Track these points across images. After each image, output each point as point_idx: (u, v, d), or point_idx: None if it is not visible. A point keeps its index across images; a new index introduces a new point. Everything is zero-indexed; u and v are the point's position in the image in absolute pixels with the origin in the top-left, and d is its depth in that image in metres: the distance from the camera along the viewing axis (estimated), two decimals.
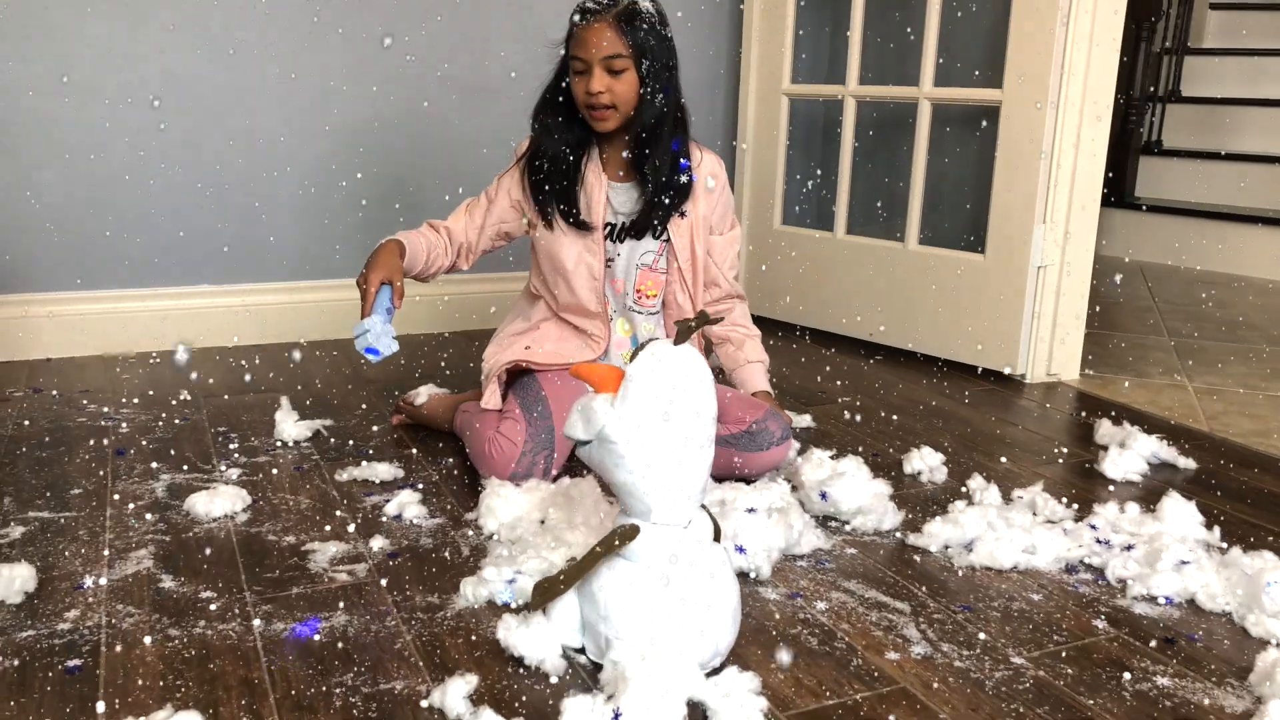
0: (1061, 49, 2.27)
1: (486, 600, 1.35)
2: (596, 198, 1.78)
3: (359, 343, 1.58)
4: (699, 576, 1.19)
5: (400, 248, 1.71)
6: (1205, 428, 2.17)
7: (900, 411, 2.21)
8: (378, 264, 1.65)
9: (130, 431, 1.95)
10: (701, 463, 1.21)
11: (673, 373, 1.18)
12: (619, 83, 1.68)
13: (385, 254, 1.68)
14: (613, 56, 1.66)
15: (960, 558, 1.51)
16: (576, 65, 1.69)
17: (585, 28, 1.67)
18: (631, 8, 1.67)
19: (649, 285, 1.83)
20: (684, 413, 1.18)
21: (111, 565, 1.42)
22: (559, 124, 1.75)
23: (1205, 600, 1.39)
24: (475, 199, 1.87)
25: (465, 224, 1.84)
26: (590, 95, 1.68)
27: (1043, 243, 2.37)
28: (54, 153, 2.35)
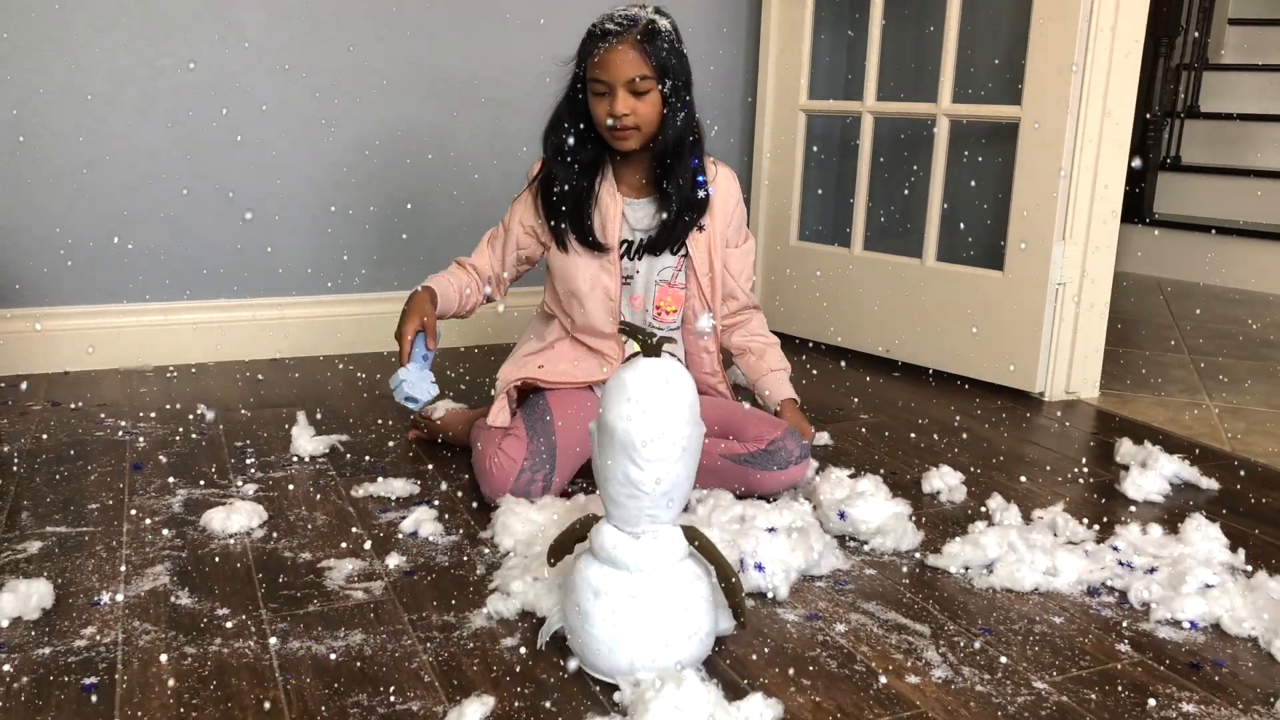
0: (1081, 65, 2.25)
1: (517, 613, 1.35)
2: (612, 216, 1.77)
3: (397, 394, 1.59)
4: (643, 586, 1.19)
5: (431, 294, 1.71)
6: (1227, 447, 2.15)
7: (918, 429, 2.19)
8: (410, 313, 1.66)
9: (147, 446, 1.95)
10: (655, 480, 1.18)
11: (637, 390, 1.17)
12: (642, 104, 1.67)
13: (416, 302, 1.68)
14: (637, 78, 1.65)
15: (980, 579, 1.50)
16: (597, 87, 1.67)
17: (608, 49, 1.65)
18: (651, 26, 1.66)
19: (668, 301, 1.83)
20: (642, 429, 1.16)
21: (128, 581, 1.42)
22: (572, 145, 1.74)
23: (1230, 625, 1.37)
24: (495, 230, 1.87)
25: (489, 257, 1.84)
26: (615, 118, 1.67)
27: (1062, 260, 2.35)
28: (73, 166, 2.37)
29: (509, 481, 1.65)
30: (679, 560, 1.22)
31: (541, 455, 1.68)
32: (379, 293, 2.68)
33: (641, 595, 1.19)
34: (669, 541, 1.22)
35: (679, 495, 1.22)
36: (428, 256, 2.68)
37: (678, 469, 1.19)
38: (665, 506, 1.21)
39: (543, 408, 1.75)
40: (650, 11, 1.70)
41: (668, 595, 1.20)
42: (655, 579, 1.20)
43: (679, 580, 1.21)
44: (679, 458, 1.19)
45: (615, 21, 1.67)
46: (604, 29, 1.67)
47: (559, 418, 1.73)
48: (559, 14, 2.69)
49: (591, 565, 1.23)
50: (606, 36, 1.66)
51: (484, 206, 2.70)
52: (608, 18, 1.69)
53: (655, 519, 1.21)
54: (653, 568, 1.20)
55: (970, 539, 1.55)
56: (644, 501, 1.19)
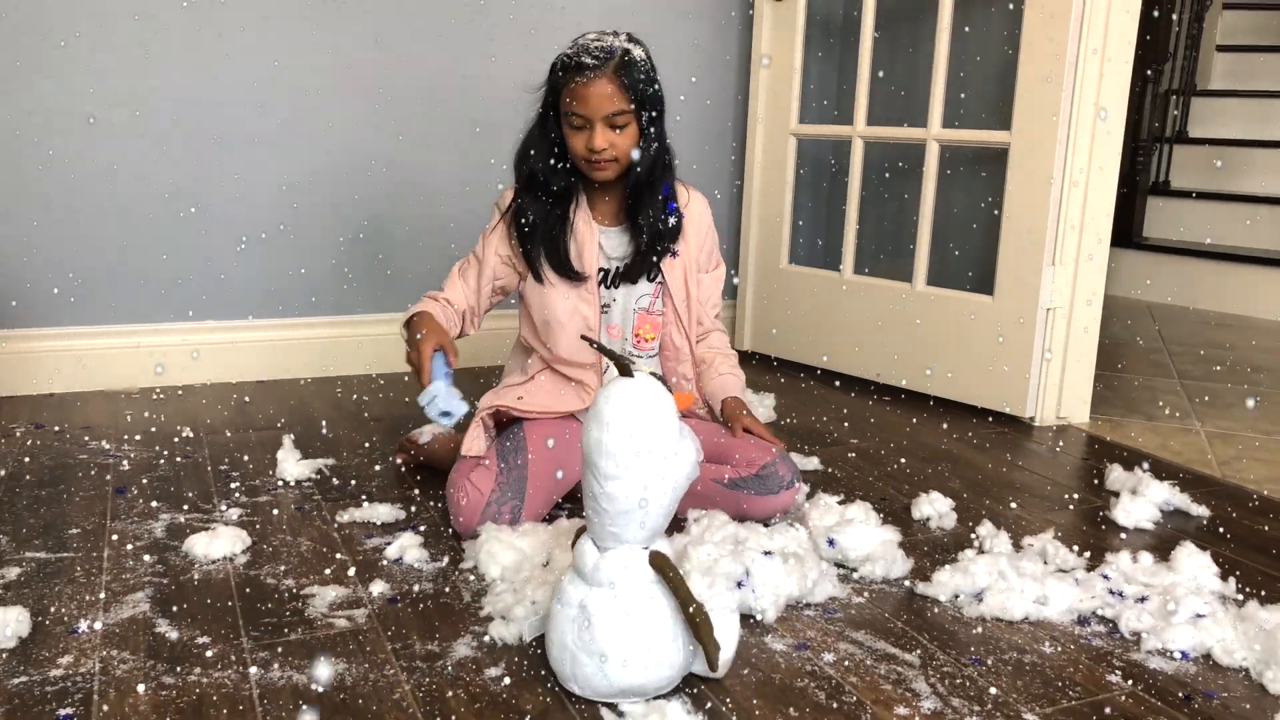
0: (1070, 91, 2.26)
1: (517, 638, 1.34)
2: (588, 245, 1.75)
3: (430, 410, 1.56)
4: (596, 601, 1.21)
5: (431, 317, 1.69)
6: (1217, 473, 2.15)
7: (908, 454, 2.18)
8: (425, 331, 1.62)
9: (131, 469, 1.93)
10: (611, 496, 1.19)
11: (603, 409, 1.19)
12: (620, 136, 1.65)
13: (428, 321, 1.65)
14: (616, 113, 1.63)
15: (970, 608, 1.48)
16: (575, 121, 1.65)
17: (585, 83, 1.62)
18: (627, 58, 1.63)
19: (647, 329, 1.81)
20: (603, 447, 1.18)
21: (107, 609, 1.40)
22: (544, 174, 1.71)
23: (1222, 655, 1.36)
24: (465, 261, 1.82)
25: (462, 290, 1.79)
26: (594, 152, 1.65)
27: (1052, 284, 2.36)
28: (61, 187, 2.35)
29: (476, 513, 1.63)
30: (641, 583, 1.21)
31: (510, 487, 1.66)
32: (369, 315, 2.67)
33: (593, 609, 1.20)
34: (630, 562, 1.21)
35: (647, 517, 1.20)
36: (418, 279, 2.67)
37: (637, 488, 1.19)
38: (625, 525, 1.20)
39: (518, 439, 1.73)
40: (623, 40, 1.67)
41: (618, 615, 1.19)
42: (609, 596, 1.20)
43: (633, 603, 1.20)
44: (638, 478, 1.18)
45: (592, 54, 1.62)
46: (580, 61, 1.63)
47: (533, 449, 1.71)
48: (537, 36, 2.70)
49: (568, 572, 1.26)
50: (584, 70, 1.62)
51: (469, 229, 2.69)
52: (582, 49, 1.64)
53: (617, 537, 1.21)
54: (610, 584, 1.20)
55: (960, 567, 1.54)
56: (604, 518, 1.21)
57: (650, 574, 1.22)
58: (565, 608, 1.22)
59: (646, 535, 1.22)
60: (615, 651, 1.18)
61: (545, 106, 1.71)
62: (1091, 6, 2.22)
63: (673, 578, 1.21)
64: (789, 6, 2.74)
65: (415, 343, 1.61)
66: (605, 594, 1.20)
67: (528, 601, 1.40)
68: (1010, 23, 2.43)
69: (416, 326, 1.64)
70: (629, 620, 1.19)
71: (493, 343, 2.62)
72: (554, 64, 1.69)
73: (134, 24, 2.34)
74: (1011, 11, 2.42)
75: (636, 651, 1.19)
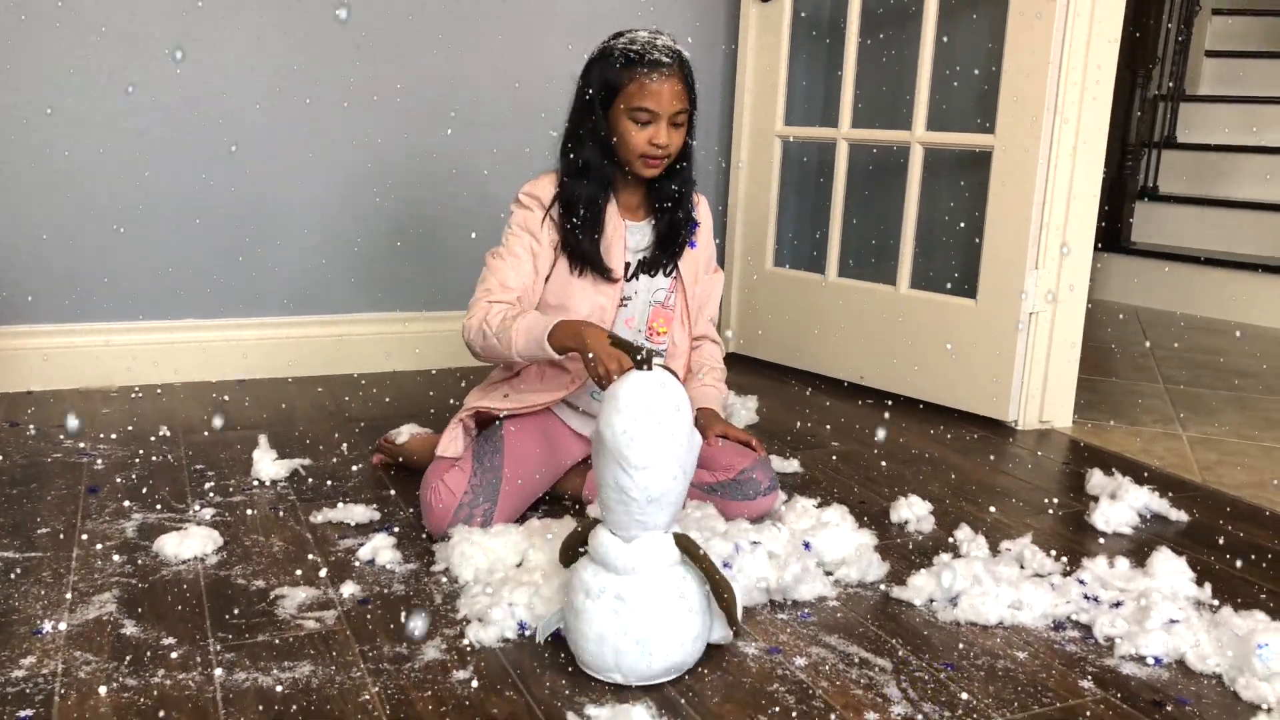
0: (1054, 95, 2.26)
1: (497, 640, 1.34)
2: (616, 240, 1.73)
3: None
4: (630, 588, 1.24)
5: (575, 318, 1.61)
6: (1198, 479, 2.14)
7: (889, 458, 2.18)
8: (592, 337, 1.50)
9: (105, 468, 1.92)
10: (643, 487, 1.23)
11: (627, 402, 1.24)
12: (678, 134, 1.68)
13: (585, 325, 1.54)
14: (680, 111, 1.66)
15: (945, 612, 1.47)
16: (641, 116, 1.64)
17: (658, 80, 1.62)
18: (683, 57, 1.67)
19: (660, 322, 1.80)
20: (630, 439, 1.22)
21: (73, 609, 1.39)
22: (590, 168, 1.69)
23: (1195, 661, 1.35)
24: (505, 260, 1.70)
25: (519, 279, 1.70)
26: (657, 147, 1.65)
27: (1035, 288, 2.35)
28: (40, 184, 2.34)
29: (448, 515, 1.62)
30: (668, 565, 1.26)
31: (482, 490, 1.64)
32: (349, 314, 2.66)
33: (629, 597, 1.24)
34: (659, 547, 1.26)
35: (669, 503, 1.25)
36: (402, 278, 2.66)
37: (666, 478, 1.23)
38: (655, 513, 1.25)
39: (495, 440, 1.72)
40: (669, 38, 1.68)
41: (654, 599, 1.24)
42: (643, 582, 1.24)
43: (666, 585, 1.25)
44: (667, 467, 1.23)
45: (663, 52, 1.64)
46: (653, 59, 1.63)
47: (509, 451, 1.69)
48: (529, 38, 2.69)
49: (588, 567, 1.28)
50: (658, 67, 1.63)
51: (458, 228, 2.69)
52: (649, 45, 1.64)
53: (644, 524, 1.25)
54: (641, 571, 1.24)
55: (935, 571, 1.53)
56: (633, 508, 1.24)
57: (677, 555, 1.27)
58: (596, 600, 1.24)
59: (669, 520, 1.27)
60: (657, 634, 1.23)
61: (590, 101, 1.67)
62: (1075, 9, 2.22)
63: (701, 555, 1.27)
64: (775, 8, 2.74)
65: (610, 353, 1.46)
66: (639, 581, 1.24)
67: (505, 604, 1.39)
68: (994, 26, 2.43)
69: (585, 334, 1.50)
70: (667, 603, 1.24)
71: None
72: (608, 56, 1.66)
73: (120, 19, 2.33)
74: (996, 15, 2.42)
75: (676, 631, 1.24)
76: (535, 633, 1.34)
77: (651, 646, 1.23)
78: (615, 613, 1.23)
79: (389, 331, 2.67)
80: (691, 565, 1.28)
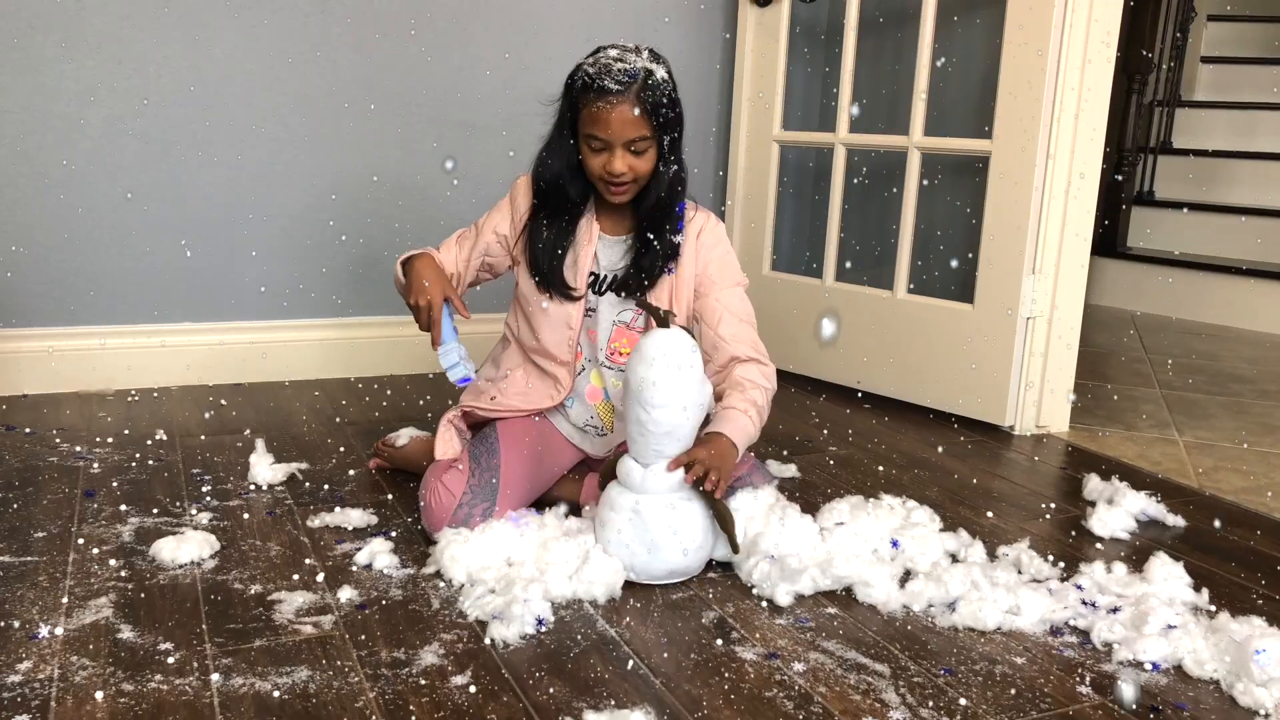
0: (1051, 100, 2.26)
1: (519, 637, 1.35)
2: (585, 254, 1.72)
3: (452, 374, 1.57)
4: (645, 504, 1.51)
5: (435, 260, 1.67)
6: (1195, 484, 2.15)
7: (886, 462, 2.18)
8: (430, 280, 1.60)
9: (101, 472, 1.91)
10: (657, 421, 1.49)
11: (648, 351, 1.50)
12: (641, 161, 1.62)
13: (431, 268, 1.62)
14: (637, 139, 1.60)
15: (943, 617, 1.48)
16: (594, 143, 1.61)
17: (607, 108, 1.57)
18: (649, 80, 1.59)
19: (624, 343, 1.76)
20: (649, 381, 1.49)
21: (70, 614, 1.38)
22: (561, 188, 1.68)
23: (1193, 667, 1.36)
24: (466, 230, 1.82)
25: (455, 255, 1.78)
26: (612, 175, 1.62)
27: (1032, 293, 2.35)
28: (37, 186, 2.33)
29: (447, 515, 1.61)
30: (681, 486, 1.52)
31: (481, 489, 1.64)
32: (346, 318, 2.65)
33: (643, 510, 1.51)
34: (670, 473, 1.52)
35: (680, 436, 1.51)
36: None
37: (678, 413, 1.50)
38: (668, 443, 1.51)
39: (491, 440, 1.71)
40: (645, 58, 1.62)
41: (662, 512, 1.50)
42: (654, 499, 1.51)
43: (674, 503, 1.51)
44: (680, 405, 1.50)
45: (614, 77, 1.57)
46: (601, 85, 1.57)
47: (505, 450, 1.69)
48: (531, 46, 2.69)
49: (614, 487, 1.56)
50: (606, 94, 1.57)
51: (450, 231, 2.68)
52: (604, 69, 1.59)
53: (660, 453, 1.52)
54: (653, 491, 1.51)
55: (934, 576, 1.53)
56: (650, 439, 1.51)
57: (682, 479, 1.52)
58: (618, 513, 1.51)
59: (680, 449, 1.52)
60: (663, 542, 1.50)
61: (561, 120, 1.66)
62: (1072, 15, 2.23)
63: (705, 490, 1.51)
64: (773, 13, 2.74)
65: (421, 289, 1.59)
66: (651, 499, 1.51)
67: (521, 600, 1.40)
68: (992, 31, 2.43)
69: (419, 272, 1.61)
70: (672, 516, 1.50)
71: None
72: (572, 79, 1.63)
73: (114, 24, 2.32)
74: (993, 20, 2.42)
75: (679, 541, 1.50)
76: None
77: (661, 552, 1.49)
78: (631, 522, 1.50)
79: (386, 335, 2.67)
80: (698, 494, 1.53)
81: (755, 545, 1.55)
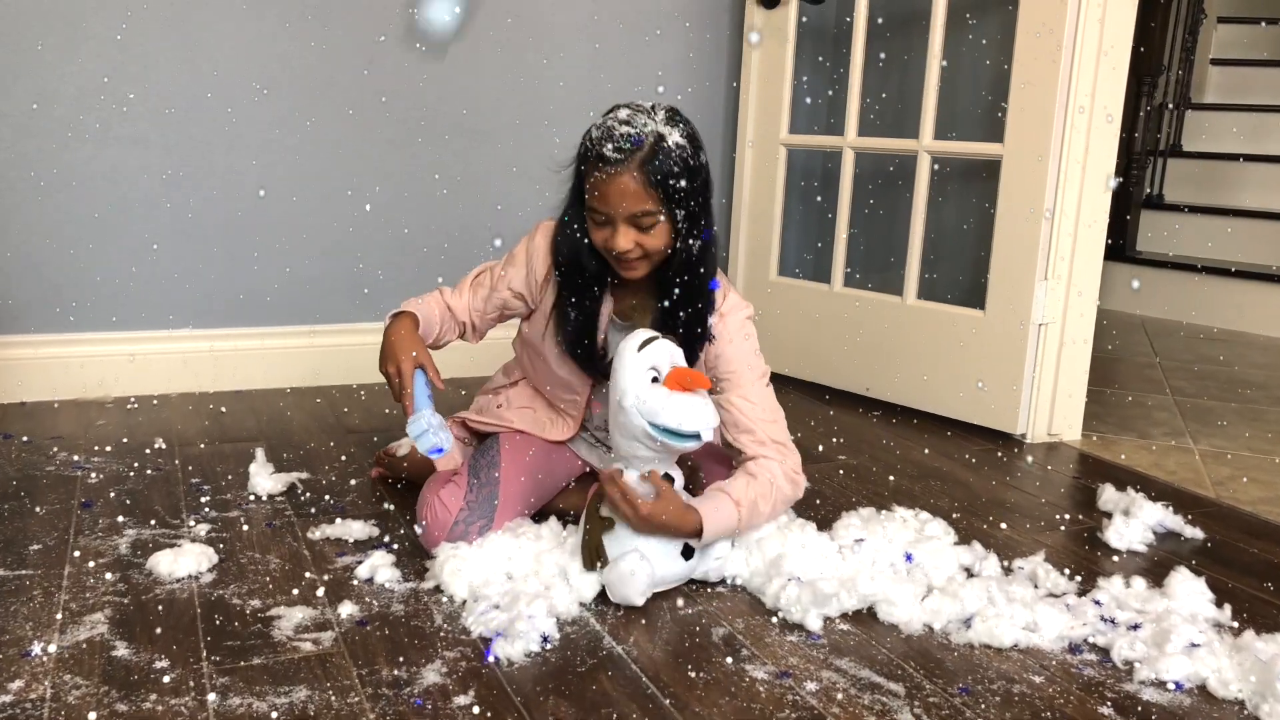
0: (1064, 103, 2.23)
1: (524, 654, 1.32)
2: (599, 337, 1.62)
3: (422, 444, 1.48)
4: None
5: (415, 321, 1.58)
6: (1212, 494, 2.11)
7: (897, 472, 2.14)
8: (402, 345, 1.51)
9: (99, 482, 1.88)
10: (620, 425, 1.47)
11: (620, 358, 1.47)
12: (649, 236, 1.47)
13: (406, 333, 1.53)
14: (641, 214, 1.45)
15: (958, 634, 1.44)
16: (596, 217, 1.48)
17: (606, 180, 1.44)
18: (657, 146, 1.44)
19: None
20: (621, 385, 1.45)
21: (64, 630, 1.35)
22: (576, 259, 1.55)
23: (1217, 687, 1.32)
24: (481, 272, 1.70)
25: (469, 302, 1.69)
26: (615, 251, 1.49)
27: (1044, 299, 2.32)
28: (36, 192, 2.30)
29: (443, 532, 1.57)
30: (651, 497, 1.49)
31: (478, 505, 1.59)
32: (349, 324, 2.62)
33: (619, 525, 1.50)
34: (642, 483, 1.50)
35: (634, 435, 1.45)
36: (401, 287, 2.62)
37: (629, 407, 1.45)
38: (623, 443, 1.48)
39: (493, 453, 1.68)
40: (660, 120, 1.46)
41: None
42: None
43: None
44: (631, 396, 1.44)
45: (615, 143, 1.43)
46: (602, 153, 1.43)
47: (506, 464, 1.65)
48: (535, 49, 2.66)
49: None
50: (604, 163, 1.43)
51: (459, 239, 2.66)
52: (606, 133, 1.44)
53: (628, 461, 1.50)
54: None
55: (948, 591, 1.49)
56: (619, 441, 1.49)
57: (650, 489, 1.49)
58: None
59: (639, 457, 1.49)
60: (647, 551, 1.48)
61: (575, 185, 1.53)
62: (1086, 15, 2.19)
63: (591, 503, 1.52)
64: (780, 15, 2.70)
65: (393, 355, 1.54)
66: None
67: (526, 617, 1.36)
68: (1003, 33, 2.40)
69: (393, 337, 1.55)
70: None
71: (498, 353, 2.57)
72: (585, 139, 1.50)
73: (113, 26, 2.29)
74: (1005, 21, 2.39)
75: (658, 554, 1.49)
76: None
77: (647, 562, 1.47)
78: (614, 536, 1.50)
79: None
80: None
81: (778, 567, 1.51)
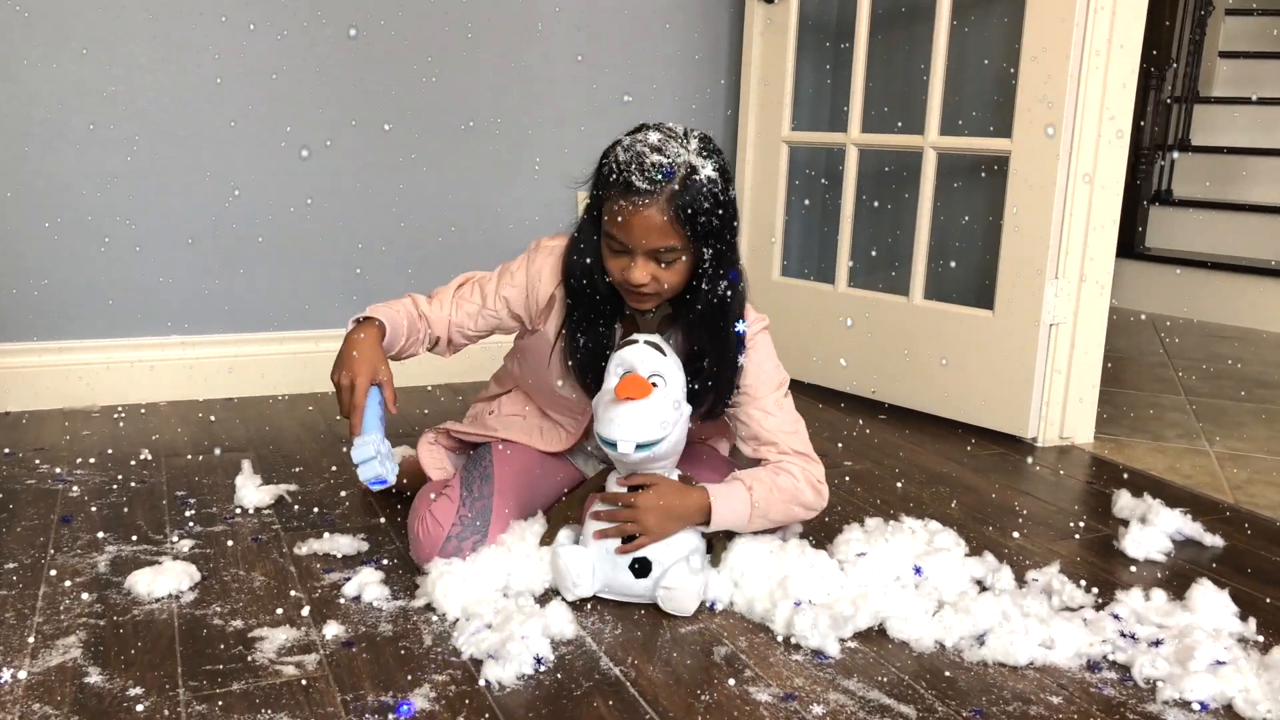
0: (1074, 96, 2.16)
1: (515, 677, 1.26)
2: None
3: (363, 472, 1.35)
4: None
5: (381, 332, 1.46)
6: (1230, 498, 2.04)
7: (905, 478, 2.08)
8: (363, 357, 1.39)
9: (80, 495, 1.82)
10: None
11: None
12: (668, 272, 1.39)
13: (369, 344, 1.41)
14: (664, 249, 1.36)
15: (971, 652, 1.37)
16: (614, 245, 1.39)
17: (629, 209, 1.34)
18: (689, 180, 1.34)
19: None
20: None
21: (35, 655, 1.29)
22: (590, 285, 1.46)
23: (1244, 707, 1.25)
24: (467, 284, 1.58)
25: (451, 314, 1.56)
26: (631, 283, 1.40)
27: (1054, 299, 2.25)
28: (19, 197, 2.24)
29: (435, 547, 1.50)
30: None
31: (471, 520, 1.53)
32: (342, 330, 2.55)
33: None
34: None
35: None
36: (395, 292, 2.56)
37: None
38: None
39: (485, 465, 1.61)
40: (693, 150, 1.37)
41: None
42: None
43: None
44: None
45: (645, 173, 1.33)
46: (627, 179, 1.34)
47: (500, 477, 1.59)
48: (531, 45, 2.60)
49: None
50: (630, 192, 1.34)
51: (451, 246, 2.60)
52: (635, 160, 1.35)
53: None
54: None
55: (960, 606, 1.43)
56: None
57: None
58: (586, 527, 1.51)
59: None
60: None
61: (591, 207, 1.44)
62: (1096, 8, 2.13)
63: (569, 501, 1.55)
64: (781, 9, 2.64)
65: (349, 365, 1.40)
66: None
67: (518, 638, 1.30)
68: (1011, 26, 2.33)
69: (351, 347, 1.42)
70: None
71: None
72: (603, 160, 1.42)
73: (103, 29, 2.23)
74: (1012, 14, 2.32)
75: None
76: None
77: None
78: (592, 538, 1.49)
79: None
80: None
81: (784, 589, 1.44)
